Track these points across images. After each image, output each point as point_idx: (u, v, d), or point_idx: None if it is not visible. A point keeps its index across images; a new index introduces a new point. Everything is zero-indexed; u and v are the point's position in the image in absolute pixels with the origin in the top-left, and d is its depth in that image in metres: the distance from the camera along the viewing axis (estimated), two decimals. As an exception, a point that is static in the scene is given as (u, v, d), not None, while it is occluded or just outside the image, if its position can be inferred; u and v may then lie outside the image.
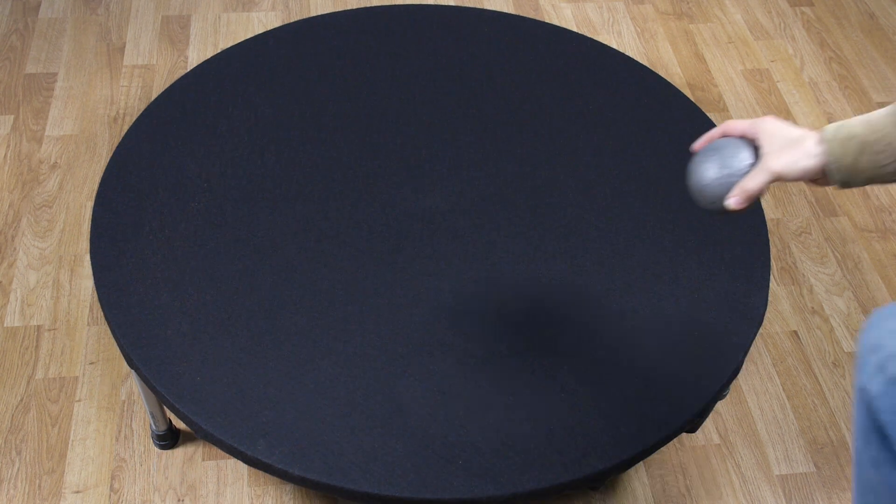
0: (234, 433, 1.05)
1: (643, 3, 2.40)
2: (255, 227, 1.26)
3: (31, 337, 1.61)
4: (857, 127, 0.91)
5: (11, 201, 1.81)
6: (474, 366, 1.13)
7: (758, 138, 0.98)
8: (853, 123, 0.92)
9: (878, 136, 0.90)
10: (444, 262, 1.24)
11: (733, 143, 0.97)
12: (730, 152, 0.96)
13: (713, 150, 0.97)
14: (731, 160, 0.95)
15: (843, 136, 0.92)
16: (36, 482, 1.43)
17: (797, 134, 0.95)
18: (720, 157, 0.96)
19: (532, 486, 1.03)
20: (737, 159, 0.95)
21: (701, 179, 0.97)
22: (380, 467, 1.03)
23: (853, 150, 0.91)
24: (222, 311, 1.16)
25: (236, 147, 1.37)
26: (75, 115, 1.99)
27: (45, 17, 2.24)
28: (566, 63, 1.56)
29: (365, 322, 1.16)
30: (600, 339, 1.17)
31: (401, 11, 1.64)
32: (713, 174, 0.96)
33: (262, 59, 1.52)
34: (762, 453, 1.53)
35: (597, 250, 1.27)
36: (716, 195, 0.96)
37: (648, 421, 1.09)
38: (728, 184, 0.95)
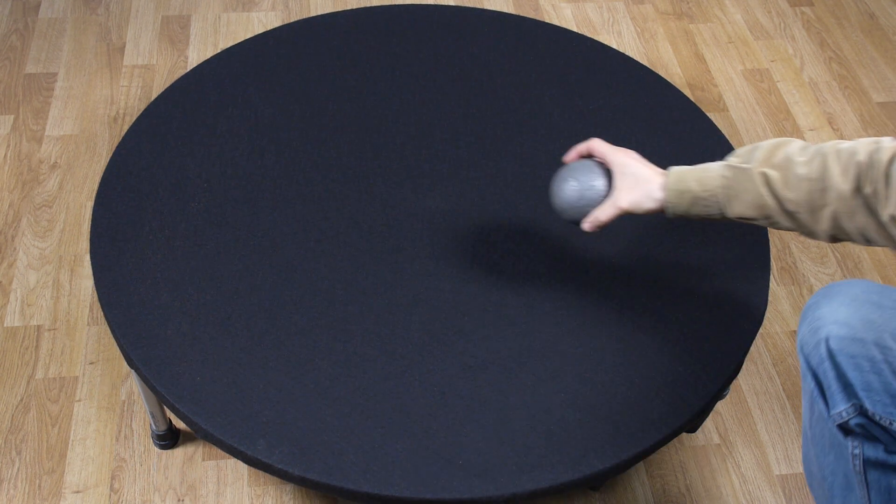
0: (234, 433, 1.05)
1: (643, 3, 2.40)
2: (255, 226, 1.26)
3: (31, 337, 1.61)
4: (692, 182, 1.06)
5: (11, 201, 1.81)
6: (474, 365, 1.13)
7: (612, 171, 1.12)
8: (689, 179, 1.07)
9: (708, 194, 1.05)
10: (444, 262, 1.24)
11: (593, 169, 1.12)
12: (588, 180, 1.11)
13: (575, 174, 1.12)
14: (589, 191, 1.11)
15: (680, 189, 1.07)
16: (36, 482, 1.43)
17: (645, 175, 1.10)
18: (580, 185, 1.11)
19: (532, 486, 1.03)
20: (593, 190, 1.11)
21: (562, 203, 1.13)
22: (380, 467, 1.03)
23: (686, 202, 1.07)
24: (222, 310, 1.16)
25: (236, 147, 1.37)
26: (75, 115, 1.99)
27: (45, 17, 2.24)
28: (566, 63, 1.56)
29: (365, 322, 1.16)
30: (600, 338, 1.17)
31: (401, 11, 1.64)
32: (572, 199, 1.12)
33: (262, 59, 1.52)
34: (762, 453, 1.53)
35: (597, 250, 1.27)
36: (573, 217, 1.13)
37: (648, 421, 1.09)
38: (584, 209, 1.12)
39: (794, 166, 1.01)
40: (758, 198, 1.04)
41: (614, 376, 1.13)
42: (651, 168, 1.12)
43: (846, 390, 1.05)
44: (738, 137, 2.05)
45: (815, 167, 0.99)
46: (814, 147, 1.02)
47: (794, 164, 1.01)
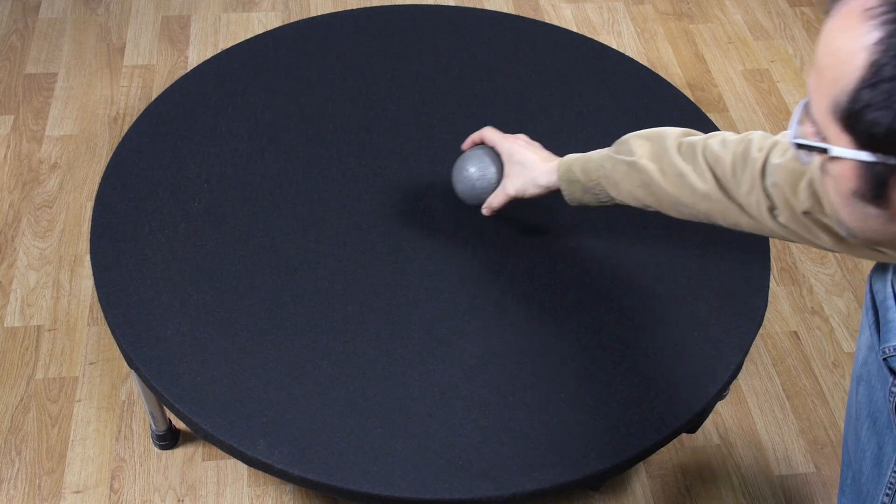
0: (233, 433, 1.05)
1: (643, 4, 2.40)
2: (255, 227, 1.26)
3: (31, 337, 1.61)
4: (578, 172, 1.11)
5: (11, 201, 1.81)
6: (474, 366, 1.13)
7: (502, 158, 1.19)
8: (575, 169, 1.11)
9: (593, 183, 1.10)
10: (443, 262, 1.24)
11: (484, 159, 1.19)
12: (480, 169, 1.19)
13: (469, 163, 1.19)
14: (480, 180, 1.19)
15: (569, 179, 1.12)
16: (36, 482, 1.43)
17: (530, 162, 1.16)
18: (473, 174, 1.19)
19: (532, 486, 1.03)
20: (484, 179, 1.19)
21: (460, 191, 1.21)
22: (380, 467, 1.03)
23: (578, 190, 1.12)
24: (222, 311, 1.16)
25: (236, 147, 1.37)
26: (75, 115, 1.99)
27: (45, 17, 2.24)
28: (566, 63, 1.56)
29: (365, 322, 1.16)
30: (600, 338, 1.17)
31: (401, 11, 1.64)
32: (467, 188, 1.20)
33: (262, 59, 1.52)
34: (762, 453, 1.53)
35: (597, 250, 1.27)
36: (473, 203, 1.22)
37: (648, 421, 1.09)
38: (480, 195, 1.20)
39: (670, 161, 1.03)
40: (631, 191, 1.07)
41: (614, 376, 1.13)
42: (538, 154, 1.17)
43: None
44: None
45: (686, 163, 1.02)
46: (688, 142, 1.03)
47: (671, 158, 1.03)
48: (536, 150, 1.18)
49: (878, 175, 0.65)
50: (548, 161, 1.16)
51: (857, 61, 0.62)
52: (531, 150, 1.17)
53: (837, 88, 0.63)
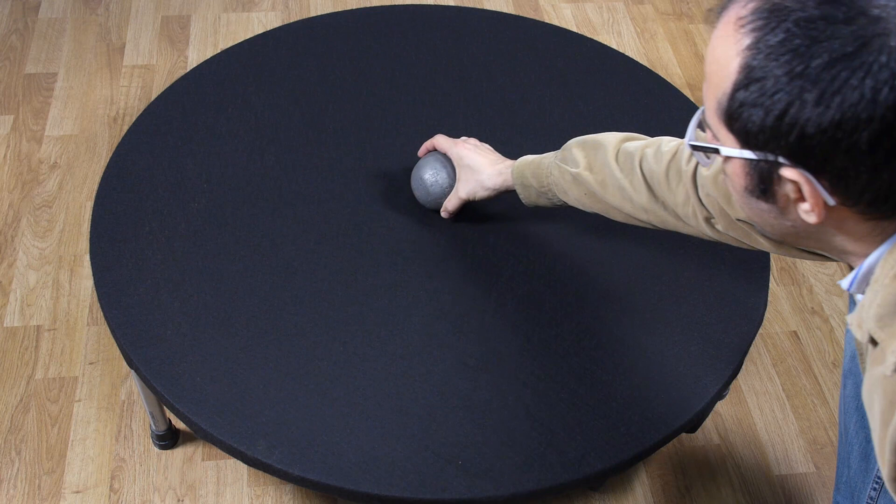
0: (233, 433, 1.05)
1: (643, 4, 2.40)
2: (255, 228, 1.26)
3: (31, 337, 1.61)
4: (530, 178, 1.14)
5: (11, 201, 1.81)
6: (474, 367, 1.13)
7: (453, 162, 1.22)
8: (527, 174, 1.14)
9: (545, 189, 1.13)
10: (443, 263, 1.24)
11: (435, 165, 1.23)
12: (433, 175, 1.23)
13: (423, 170, 1.24)
14: (434, 186, 1.23)
15: (523, 184, 1.15)
16: (36, 482, 1.43)
17: (478, 166, 1.19)
18: (427, 180, 1.23)
19: (532, 486, 1.03)
20: (437, 185, 1.23)
21: (420, 197, 1.26)
22: (380, 467, 1.03)
23: (533, 194, 1.15)
24: (222, 311, 1.16)
25: (236, 147, 1.37)
26: (75, 115, 1.99)
27: (45, 17, 2.24)
28: (566, 63, 1.56)
29: (365, 323, 1.16)
30: (600, 339, 1.17)
31: (401, 11, 1.64)
32: (422, 193, 1.24)
33: (262, 59, 1.52)
34: (762, 453, 1.53)
35: (596, 250, 1.27)
36: (431, 207, 1.26)
37: (648, 421, 1.09)
38: (437, 200, 1.24)
39: (610, 171, 1.06)
40: (579, 199, 1.11)
41: (614, 376, 1.13)
42: (486, 157, 1.20)
43: None
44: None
45: (624, 174, 1.05)
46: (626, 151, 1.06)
47: (611, 169, 1.06)
48: (485, 153, 1.21)
49: (762, 171, 0.70)
50: (496, 164, 1.19)
51: (732, 66, 0.67)
52: (479, 153, 1.20)
53: (720, 92, 0.69)
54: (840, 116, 0.63)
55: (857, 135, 0.64)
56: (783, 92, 0.65)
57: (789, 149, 0.67)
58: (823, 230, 0.74)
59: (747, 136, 0.69)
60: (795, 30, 0.64)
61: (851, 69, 0.62)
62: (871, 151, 0.64)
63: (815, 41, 0.63)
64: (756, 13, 0.66)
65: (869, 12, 0.63)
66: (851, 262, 0.78)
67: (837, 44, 0.63)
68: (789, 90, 0.64)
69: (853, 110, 0.63)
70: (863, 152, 0.64)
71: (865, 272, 0.75)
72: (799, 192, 0.70)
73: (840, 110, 0.63)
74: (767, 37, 0.65)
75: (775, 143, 0.67)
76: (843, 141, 0.64)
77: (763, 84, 0.65)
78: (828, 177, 0.67)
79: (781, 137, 0.66)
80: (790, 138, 0.66)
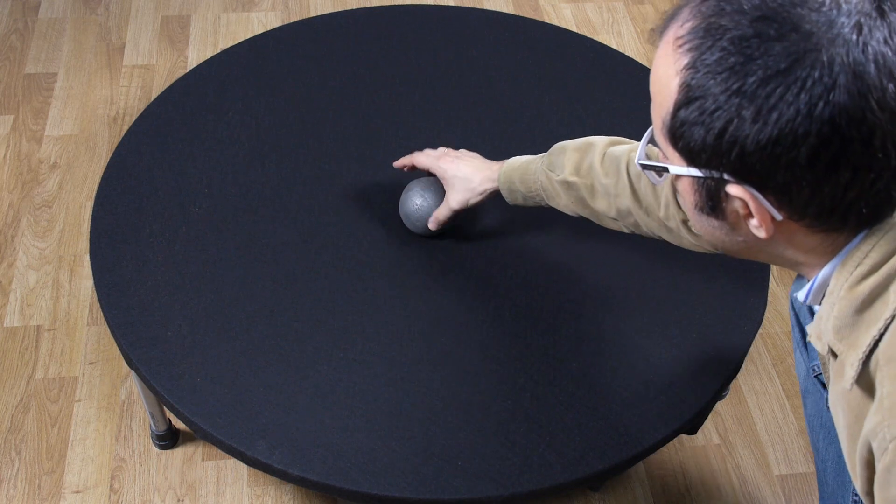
0: (233, 434, 1.05)
1: (643, 4, 2.40)
2: (256, 235, 1.26)
3: (31, 337, 1.61)
4: (517, 183, 1.13)
5: (11, 201, 1.81)
6: (473, 373, 1.13)
7: (439, 176, 1.21)
8: (515, 179, 1.13)
9: (533, 193, 1.12)
10: (442, 275, 1.24)
11: (419, 196, 1.22)
12: (420, 204, 1.22)
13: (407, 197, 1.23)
14: (419, 222, 1.23)
15: (510, 189, 1.14)
16: (36, 482, 1.43)
17: (467, 175, 1.18)
18: (413, 214, 1.23)
19: (532, 486, 1.03)
20: (422, 210, 1.22)
21: (411, 225, 1.24)
22: (380, 467, 1.03)
23: (520, 198, 1.15)
24: (222, 314, 1.16)
25: (236, 150, 1.37)
26: (75, 115, 1.99)
27: (45, 17, 2.24)
28: (566, 63, 1.56)
29: (365, 331, 1.16)
30: (599, 343, 1.17)
31: (401, 11, 1.64)
32: (410, 222, 1.23)
33: (262, 59, 1.52)
34: (762, 453, 1.53)
35: (594, 257, 1.27)
36: (418, 228, 1.24)
37: (648, 421, 1.09)
38: (421, 223, 1.23)
39: (596, 176, 1.06)
40: (569, 203, 1.10)
41: (613, 378, 1.13)
42: (472, 164, 1.19)
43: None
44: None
45: (609, 179, 1.05)
46: (612, 154, 1.06)
47: (597, 174, 1.06)
48: (469, 160, 1.20)
49: (709, 188, 0.71)
50: (483, 170, 1.18)
51: (672, 85, 0.68)
52: (463, 163, 1.20)
53: (663, 111, 0.70)
54: (777, 132, 0.64)
55: (795, 150, 0.64)
56: (722, 110, 0.65)
57: (732, 166, 0.67)
58: (774, 244, 0.74)
59: (691, 154, 0.69)
60: (731, 48, 0.64)
61: (786, 85, 0.63)
62: (811, 166, 0.65)
63: (750, 59, 0.64)
64: (693, 32, 0.67)
65: (801, 28, 0.63)
66: (805, 274, 0.78)
67: (771, 60, 0.63)
68: (727, 108, 0.65)
69: (790, 126, 0.63)
70: (803, 167, 0.65)
71: (820, 284, 0.76)
72: (746, 207, 0.70)
73: (777, 126, 0.64)
74: (704, 55, 0.66)
75: (718, 160, 0.68)
76: (783, 156, 0.65)
77: (702, 102, 0.66)
78: (772, 192, 0.68)
79: (723, 155, 0.67)
80: (731, 156, 0.66)
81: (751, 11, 0.65)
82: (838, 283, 0.72)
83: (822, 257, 0.74)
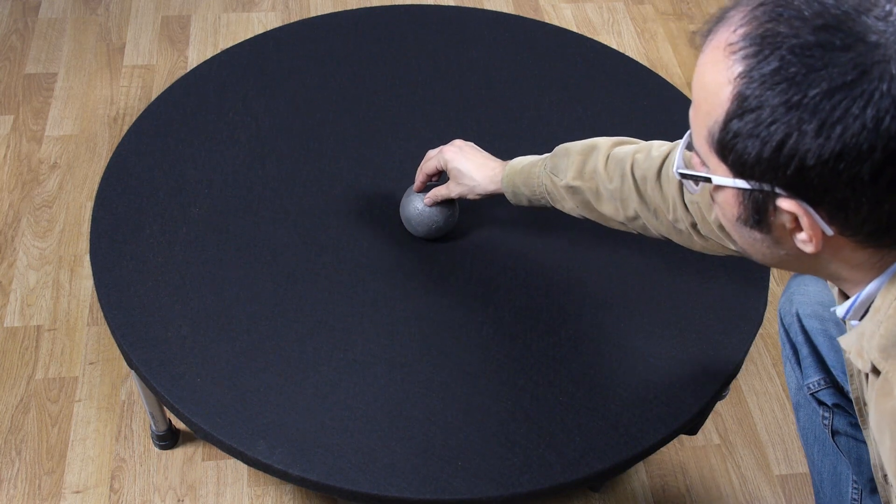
0: (233, 434, 1.05)
1: (643, 4, 2.40)
2: (256, 236, 1.26)
3: (31, 337, 1.61)
4: (521, 186, 1.12)
5: (11, 201, 1.81)
6: (473, 374, 1.13)
7: (442, 165, 1.19)
8: (519, 181, 1.12)
9: (538, 196, 1.11)
10: (442, 276, 1.24)
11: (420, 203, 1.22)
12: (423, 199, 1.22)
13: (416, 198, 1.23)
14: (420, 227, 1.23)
15: (514, 192, 1.13)
16: (36, 482, 1.43)
17: (467, 170, 1.16)
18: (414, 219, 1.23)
19: (532, 486, 1.03)
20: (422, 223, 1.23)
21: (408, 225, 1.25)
22: (380, 467, 1.03)
23: (524, 200, 1.13)
24: (222, 315, 1.16)
25: (236, 150, 1.37)
26: (75, 115, 1.99)
27: (45, 17, 2.24)
28: (566, 63, 1.56)
29: (365, 332, 1.16)
30: (599, 344, 1.17)
31: (401, 11, 1.64)
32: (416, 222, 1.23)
33: (262, 59, 1.52)
34: (762, 453, 1.53)
35: (594, 259, 1.27)
36: (420, 232, 1.24)
37: (648, 421, 1.09)
38: (425, 222, 1.22)
39: (601, 181, 1.04)
40: (575, 206, 1.09)
41: (613, 379, 1.13)
42: (475, 160, 1.16)
43: (820, 364, 1.09)
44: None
45: (614, 182, 1.03)
46: (616, 156, 1.04)
47: (601, 179, 1.04)
48: (472, 155, 1.17)
49: (756, 201, 0.68)
50: (484, 168, 1.16)
51: (724, 94, 0.65)
52: (466, 157, 1.17)
53: (711, 120, 0.67)
54: (841, 147, 0.61)
55: (858, 166, 0.61)
56: (780, 123, 0.62)
57: (787, 180, 0.64)
58: (819, 259, 0.72)
59: (743, 166, 0.66)
60: (791, 57, 0.61)
61: (852, 98, 0.60)
62: (874, 182, 0.62)
63: (813, 69, 0.61)
64: (747, 38, 0.64)
65: (867, 38, 0.61)
66: (846, 289, 0.76)
67: (836, 72, 0.60)
68: (787, 121, 0.62)
69: (855, 140, 0.61)
70: (864, 183, 0.62)
71: (864, 300, 0.73)
72: (795, 222, 0.68)
73: (841, 141, 0.61)
74: (761, 65, 0.63)
75: (772, 174, 0.65)
76: (845, 172, 0.62)
77: (759, 114, 0.63)
78: (827, 207, 0.65)
79: (779, 169, 0.64)
80: (789, 170, 0.64)
81: (812, 19, 0.61)
82: (885, 301, 0.70)
83: (869, 273, 0.71)
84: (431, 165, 1.19)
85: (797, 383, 1.16)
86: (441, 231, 1.24)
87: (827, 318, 1.08)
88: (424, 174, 1.21)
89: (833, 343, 1.08)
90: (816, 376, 1.11)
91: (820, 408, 1.13)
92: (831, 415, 1.12)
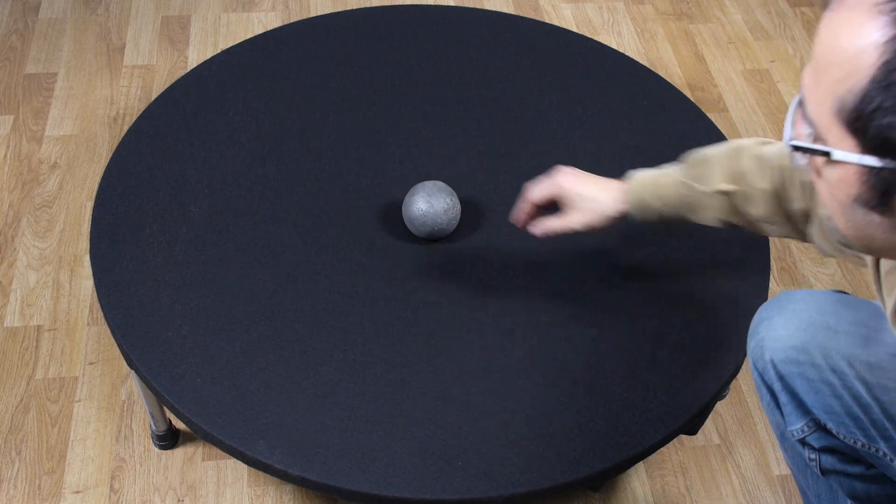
0: (233, 434, 1.05)
1: (643, 4, 2.40)
2: (256, 236, 1.26)
3: (31, 337, 1.61)
4: (651, 199, 1.05)
5: (11, 201, 1.81)
6: (472, 373, 1.13)
7: (563, 201, 1.11)
8: (648, 196, 1.05)
9: (670, 209, 1.05)
10: (443, 277, 1.24)
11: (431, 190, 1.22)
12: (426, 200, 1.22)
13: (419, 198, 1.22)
14: (423, 227, 1.22)
15: (642, 207, 1.07)
16: (36, 482, 1.43)
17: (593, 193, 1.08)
18: (418, 220, 1.22)
19: (531, 486, 1.03)
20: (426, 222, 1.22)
21: (410, 225, 1.24)
22: (380, 467, 1.03)
23: (653, 215, 1.07)
24: (222, 315, 1.17)
25: (236, 150, 1.37)
26: (75, 115, 1.99)
27: (45, 17, 2.24)
28: (566, 63, 1.56)
29: (365, 332, 1.16)
30: (598, 345, 1.17)
31: (401, 11, 1.64)
32: (418, 223, 1.23)
33: (262, 59, 1.52)
34: (762, 453, 1.53)
35: (594, 253, 1.27)
36: (422, 233, 1.23)
37: (648, 421, 1.09)
38: (427, 223, 1.22)
39: (753, 181, 0.98)
40: (719, 213, 1.03)
41: (614, 377, 1.13)
42: (597, 185, 1.09)
43: (801, 408, 1.05)
44: (738, 138, 2.05)
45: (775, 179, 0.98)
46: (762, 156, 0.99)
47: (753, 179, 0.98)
48: (586, 177, 1.11)
49: (884, 181, 0.60)
50: (608, 189, 1.09)
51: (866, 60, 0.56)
52: (582, 180, 1.10)
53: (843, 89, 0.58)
54: None
55: None
56: None
57: None
58: None
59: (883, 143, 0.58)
60: None
61: None
62: None
63: None
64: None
65: None
66: None
67: None
68: None
69: None
70: None
71: None
72: None
73: None
74: None
75: None
76: None
77: None
78: None
79: None
80: None
81: None
82: None
83: None
84: (540, 194, 1.12)
85: (780, 430, 1.13)
86: (443, 232, 1.24)
87: (802, 360, 1.02)
88: (531, 203, 1.13)
89: (812, 384, 1.02)
90: (800, 422, 1.06)
91: (805, 449, 1.10)
92: (818, 456, 1.09)
